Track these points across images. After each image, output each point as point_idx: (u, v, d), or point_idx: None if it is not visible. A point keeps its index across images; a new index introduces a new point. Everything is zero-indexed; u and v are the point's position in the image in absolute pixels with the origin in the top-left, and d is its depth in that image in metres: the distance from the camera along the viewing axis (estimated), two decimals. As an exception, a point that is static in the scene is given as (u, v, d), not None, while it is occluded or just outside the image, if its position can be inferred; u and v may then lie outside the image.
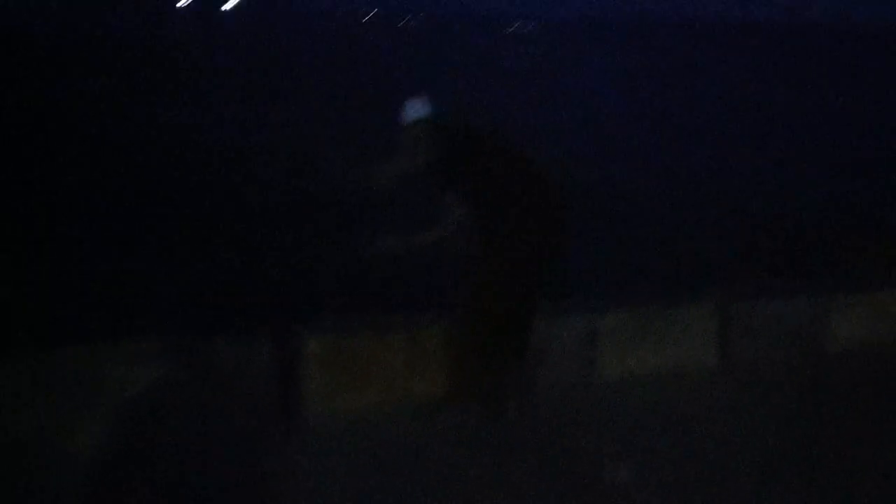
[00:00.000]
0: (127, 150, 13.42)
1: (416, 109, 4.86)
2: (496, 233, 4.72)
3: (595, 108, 23.27)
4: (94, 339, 4.77)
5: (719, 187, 10.49)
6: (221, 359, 4.73)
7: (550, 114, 21.59)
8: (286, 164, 11.29)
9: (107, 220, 8.12)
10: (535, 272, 4.77)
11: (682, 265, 6.72)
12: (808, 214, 8.43)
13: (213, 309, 5.49)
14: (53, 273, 6.25)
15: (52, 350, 4.59)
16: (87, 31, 58.94)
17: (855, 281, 6.41)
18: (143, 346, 4.71)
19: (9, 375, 4.48)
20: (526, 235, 4.71)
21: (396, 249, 4.85)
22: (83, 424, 4.48)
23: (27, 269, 6.30)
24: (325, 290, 5.60)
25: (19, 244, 7.07)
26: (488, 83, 30.25)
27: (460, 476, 4.37)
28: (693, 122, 20.81)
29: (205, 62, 36.27)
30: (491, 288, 4.71)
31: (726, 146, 15.89)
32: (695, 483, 4.37)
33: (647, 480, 4.36)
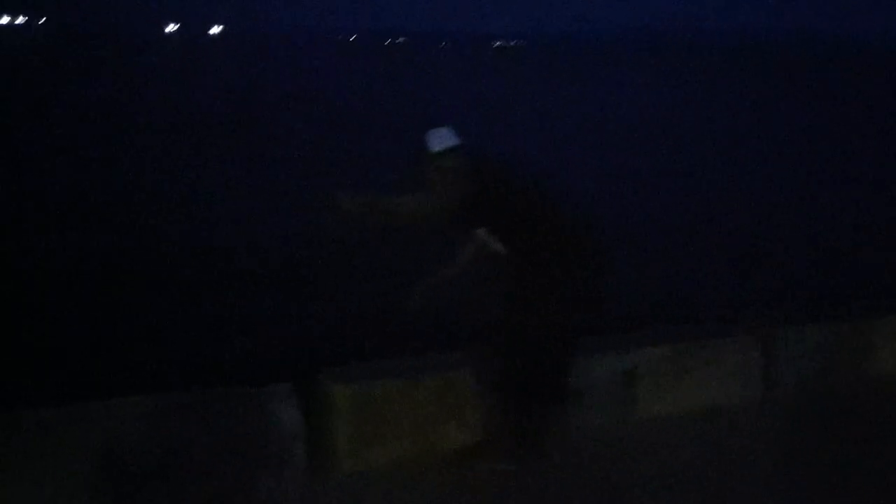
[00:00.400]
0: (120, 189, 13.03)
1: (441, 138, 4.54)
2: (529, 269, 4.43)
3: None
4: (102, 395, 4.41)
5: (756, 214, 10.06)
6: (240, 413, 4.40)
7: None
8: (294, 199, 10.87)
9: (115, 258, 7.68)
10: (570, 308, 4.49)
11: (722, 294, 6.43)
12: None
13: (232, 359, 5.14)
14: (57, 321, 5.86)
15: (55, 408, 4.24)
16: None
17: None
18: (157, 402, 4.37)
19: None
20: (560, 271, 4.43)
21: (422, 290, 4.54)
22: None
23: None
24: (351, 335, 5.23)
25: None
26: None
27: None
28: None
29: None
30: (524, 326, 4.42)
31: (766, 172, 15.21)
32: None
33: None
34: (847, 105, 36.81)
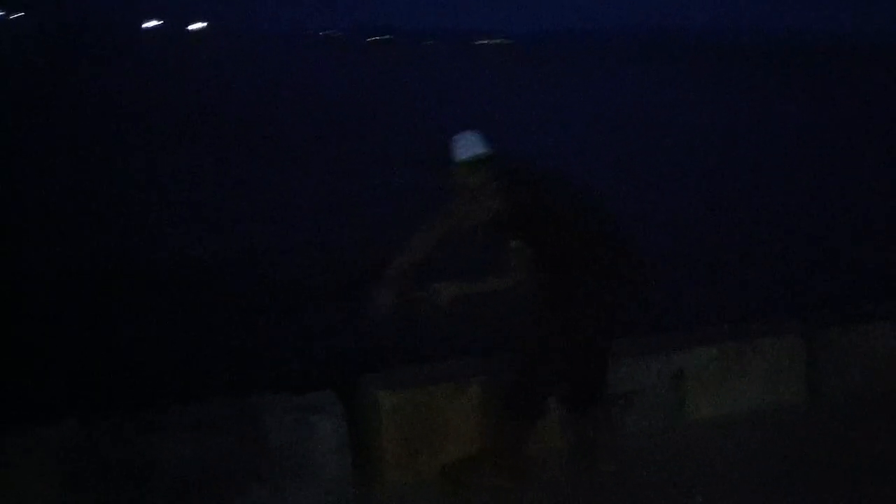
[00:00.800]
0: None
1: (467, 145, 4.23)
2: (564, 281, 4.21)
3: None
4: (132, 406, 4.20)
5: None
6: (285, 422, 4.20)
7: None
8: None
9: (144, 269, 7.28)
10: (609, 316, 4.28)
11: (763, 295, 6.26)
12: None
13: (271, 366, 4.92)
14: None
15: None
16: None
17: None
18: (196, 411, 4.17)
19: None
20: (597, 283, 4.19)
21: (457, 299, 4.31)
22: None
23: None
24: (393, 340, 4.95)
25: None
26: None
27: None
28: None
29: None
30: (563, 338, 4.21)
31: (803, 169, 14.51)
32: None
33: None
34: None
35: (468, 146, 4.22)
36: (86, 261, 7.96)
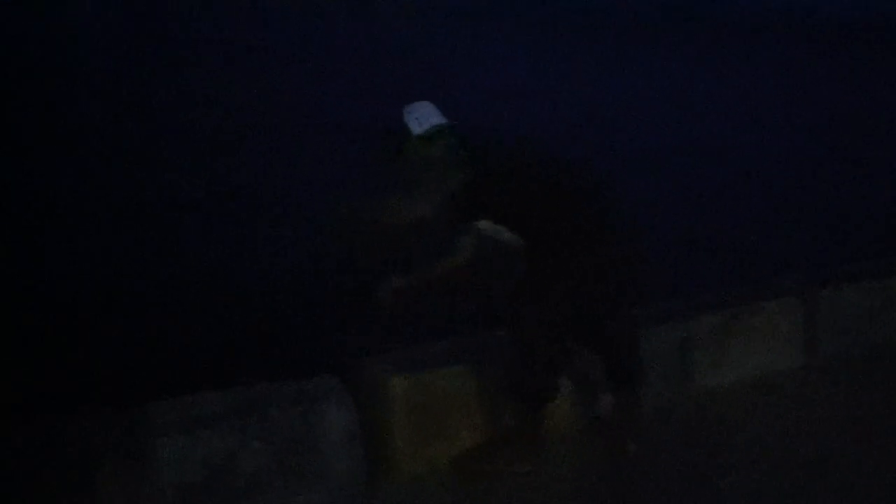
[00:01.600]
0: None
1: (422, 117, 3.85)
2: (545, 258, 3.90)
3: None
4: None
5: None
6: (290, 413, 3.86)
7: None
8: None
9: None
10: (605, 289, 4.03)
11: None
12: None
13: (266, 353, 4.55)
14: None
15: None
16: None
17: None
18: (192, 403, 3.81)
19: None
20: (582, 258, 3.91)
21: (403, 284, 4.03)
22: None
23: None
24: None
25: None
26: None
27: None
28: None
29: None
30: (557, 314, 3.94)
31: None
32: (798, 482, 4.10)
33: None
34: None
35: (422, 118, 3.84)
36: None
